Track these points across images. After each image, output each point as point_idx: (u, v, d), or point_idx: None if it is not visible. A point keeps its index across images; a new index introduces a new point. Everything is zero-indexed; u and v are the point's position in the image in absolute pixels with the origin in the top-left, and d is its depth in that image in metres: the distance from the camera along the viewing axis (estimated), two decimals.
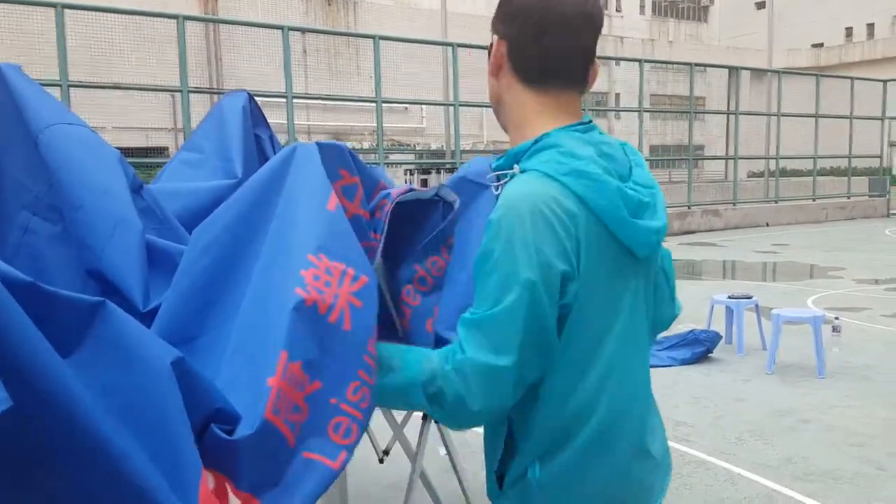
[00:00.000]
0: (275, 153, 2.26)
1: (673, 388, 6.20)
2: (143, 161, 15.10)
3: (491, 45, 1.52)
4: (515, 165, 1.44)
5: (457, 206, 1.93)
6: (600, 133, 1.49)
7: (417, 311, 2.02)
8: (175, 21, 12.71)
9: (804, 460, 4.70)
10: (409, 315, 2.02)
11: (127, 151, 13.81)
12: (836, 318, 7.44)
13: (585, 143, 1.43)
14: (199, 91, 14.65)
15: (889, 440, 5.01)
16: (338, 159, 1.73)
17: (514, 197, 1.36)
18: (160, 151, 17.68)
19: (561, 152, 1.40)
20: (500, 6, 1.52)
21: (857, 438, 5.05)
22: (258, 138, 2.72)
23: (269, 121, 2.73)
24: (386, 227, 1.76)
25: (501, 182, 1.46)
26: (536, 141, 1.44)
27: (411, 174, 18.59)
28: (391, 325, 1.96)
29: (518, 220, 1.33)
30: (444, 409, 1.36)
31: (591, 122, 1.50)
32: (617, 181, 1.41)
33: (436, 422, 2.42)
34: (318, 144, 1.64)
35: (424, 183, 15.83)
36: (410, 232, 1.96)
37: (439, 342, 1.87)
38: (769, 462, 4.68)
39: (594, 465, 1.43)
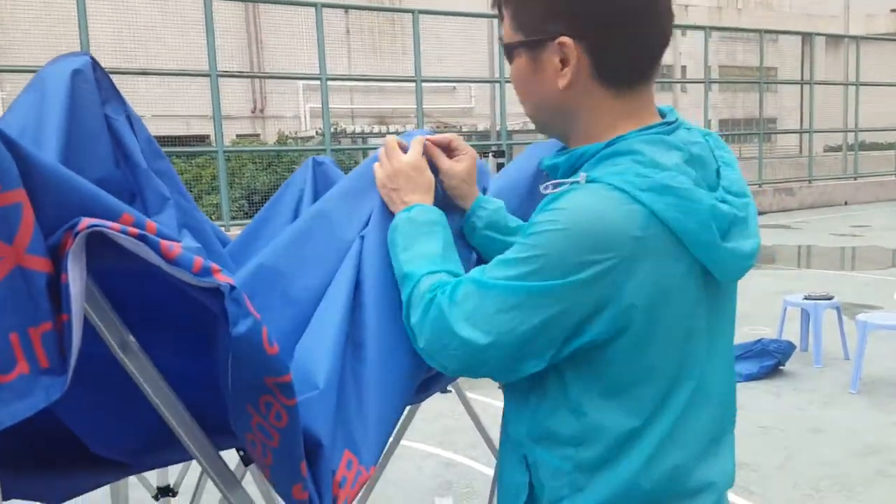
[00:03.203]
0: (136, 136, 1.71)
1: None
2: (183, 150, 14.70)
3: (516, 45, 1.24)
4: (581, 173, 1.18)
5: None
6: (688, 129, 1.24)
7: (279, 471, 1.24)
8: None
9: None
10: (269, 475, 1.25)
11: (167, 140, 13.51)
12: None
13: (669, 147, 1.18)
14: (228, 75, 13.96)
15: None
16: None
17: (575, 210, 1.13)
18: (201, 139, 17.22)
19: (639, 161, 1.14)
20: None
21: None
22: (108, 119, 1.87)
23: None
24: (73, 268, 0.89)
25: (557, 189, 1.19)
26: (609, 144, 1.18)
27: None
28: None
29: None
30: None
31: (676, 119, 1.25)
32: (710, 196, 1.16)
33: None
34: None
35: None
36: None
37: None
38: None
39: None
